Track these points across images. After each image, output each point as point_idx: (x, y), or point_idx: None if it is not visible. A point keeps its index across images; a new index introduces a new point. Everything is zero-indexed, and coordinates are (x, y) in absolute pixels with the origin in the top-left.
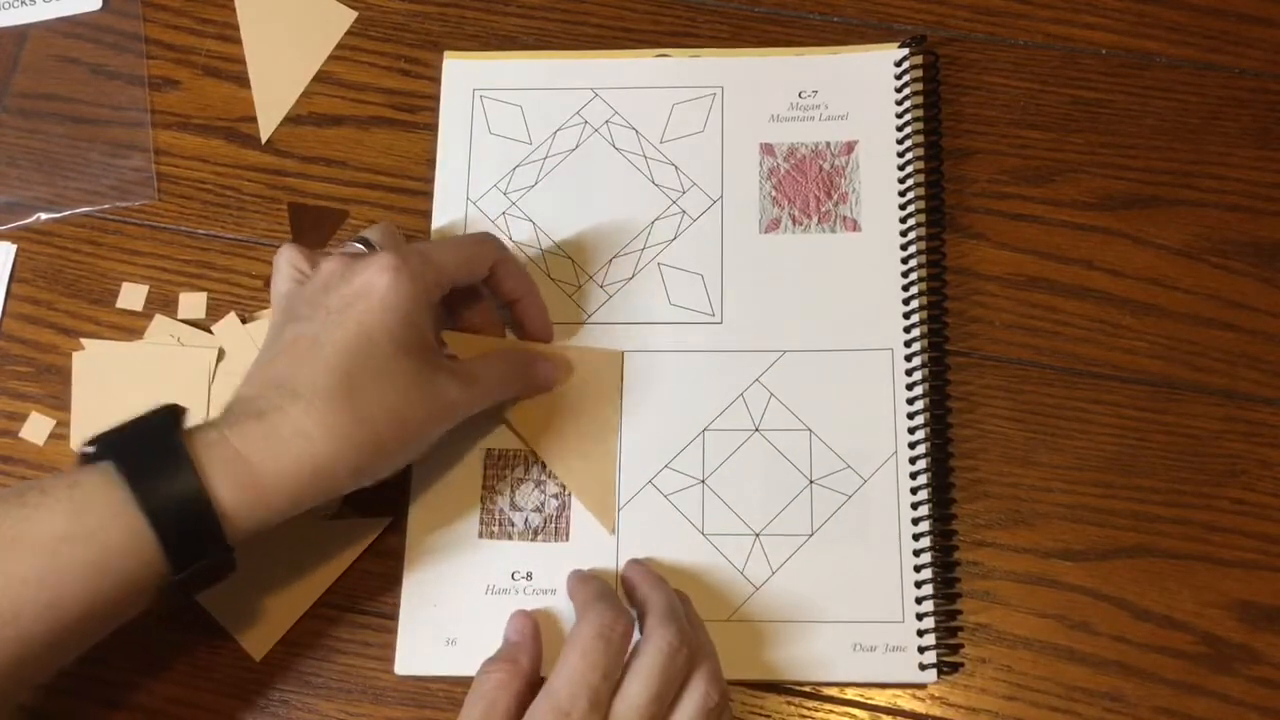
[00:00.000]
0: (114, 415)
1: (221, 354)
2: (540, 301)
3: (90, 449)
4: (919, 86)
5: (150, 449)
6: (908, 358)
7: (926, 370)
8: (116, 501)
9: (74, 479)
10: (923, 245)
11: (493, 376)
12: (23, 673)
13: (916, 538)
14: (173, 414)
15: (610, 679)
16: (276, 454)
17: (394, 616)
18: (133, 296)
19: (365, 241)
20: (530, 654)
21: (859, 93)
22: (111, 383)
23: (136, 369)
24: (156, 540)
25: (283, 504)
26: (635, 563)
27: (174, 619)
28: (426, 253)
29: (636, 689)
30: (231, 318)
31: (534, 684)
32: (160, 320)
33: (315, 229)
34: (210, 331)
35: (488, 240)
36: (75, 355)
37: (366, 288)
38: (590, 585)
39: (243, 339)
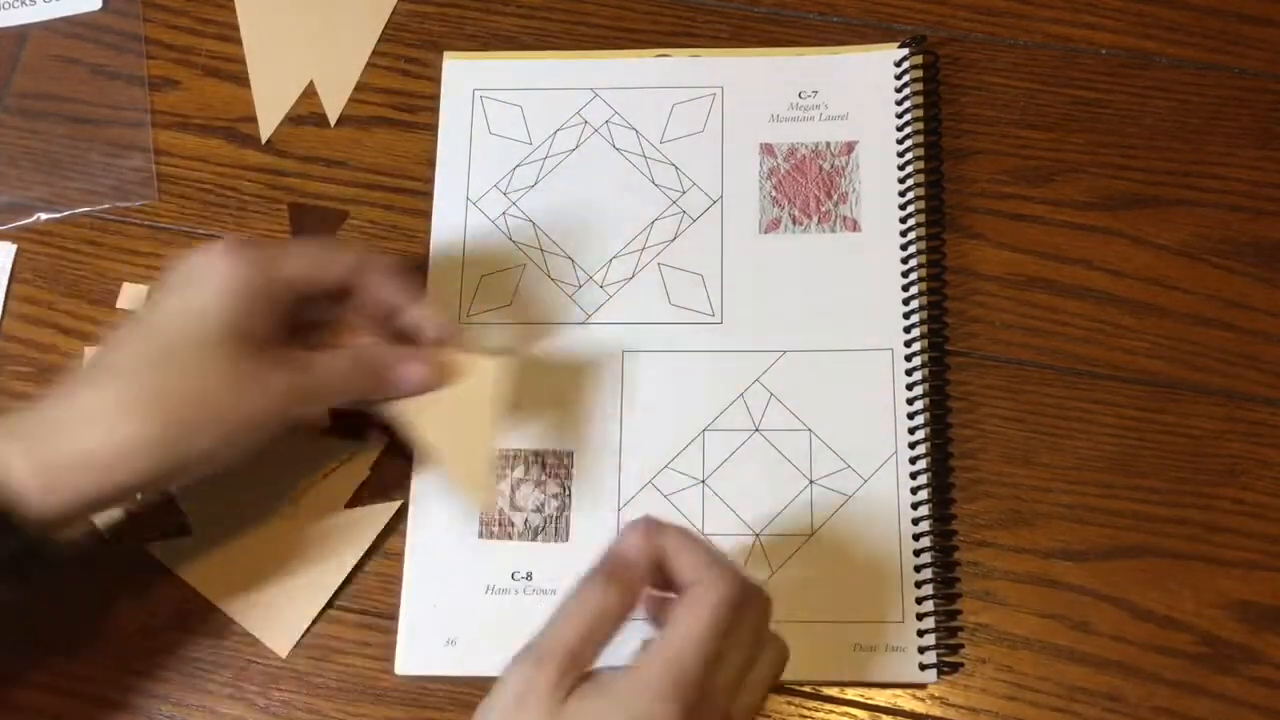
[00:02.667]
0: None
1: None
2: (426, 305)
3: None
4: (919, 86)
5: None
6: (908, 358)
7: (926, 370)
8: None
9: None
10: (923, 245)
11: (334, 371)
12: None
13: (916, 538)
14: None
15: (727, 651)
16: (70, 433)
17: (394, 616)
18: (133, 297)
19: None
20: (647, 583)
21: (859, 93)
22: None
23: None
24: None
25: (79, 485)
26: (649, 519)
27: (181, 621)
28: (271, 247)
29: (731, 657)
30: None
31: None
32: None
33: (315, 229)
34: None
35: (348, 248)
36: (87, 352)
37: (198, 268)
38: (703, 545)
39: None
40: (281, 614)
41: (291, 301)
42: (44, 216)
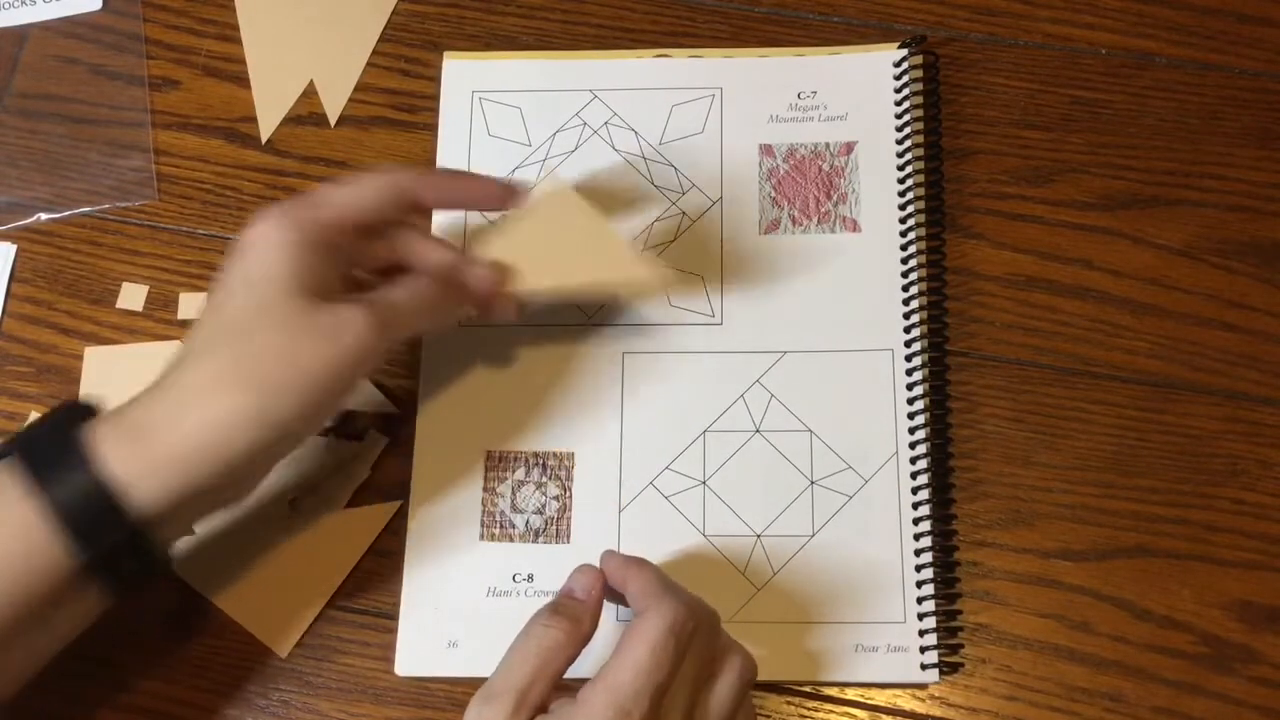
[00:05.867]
0: None
1: None
2: (474, 182)
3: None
4: (919, 87)
5: (49, 438)
6: (908, 358)
7: (926, 370)
8: (17, 490)
9: None
10: (922, 245)
11: (407, 294)
12: None
13: (917, 538)
14: (78, 406)
15: (673, 679)
16: (171, 416)
17: (394, 616)
18: (133, 296)
19: None
20: (594, 618)
21: (858, 93)
22: (118, 383)
23: (145, 370)
24: (56, 523)
25: (189, 468)
26: (610, 553)
27: (181, 621)
28: (313, 193)
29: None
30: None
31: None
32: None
33: None
34: None
35: (389, 169)
36: (87, 352)
37: (247, 241)
38: (651, 574)
39: None
40: (281, 614)
41: (347, 241)
42: (44, 216)
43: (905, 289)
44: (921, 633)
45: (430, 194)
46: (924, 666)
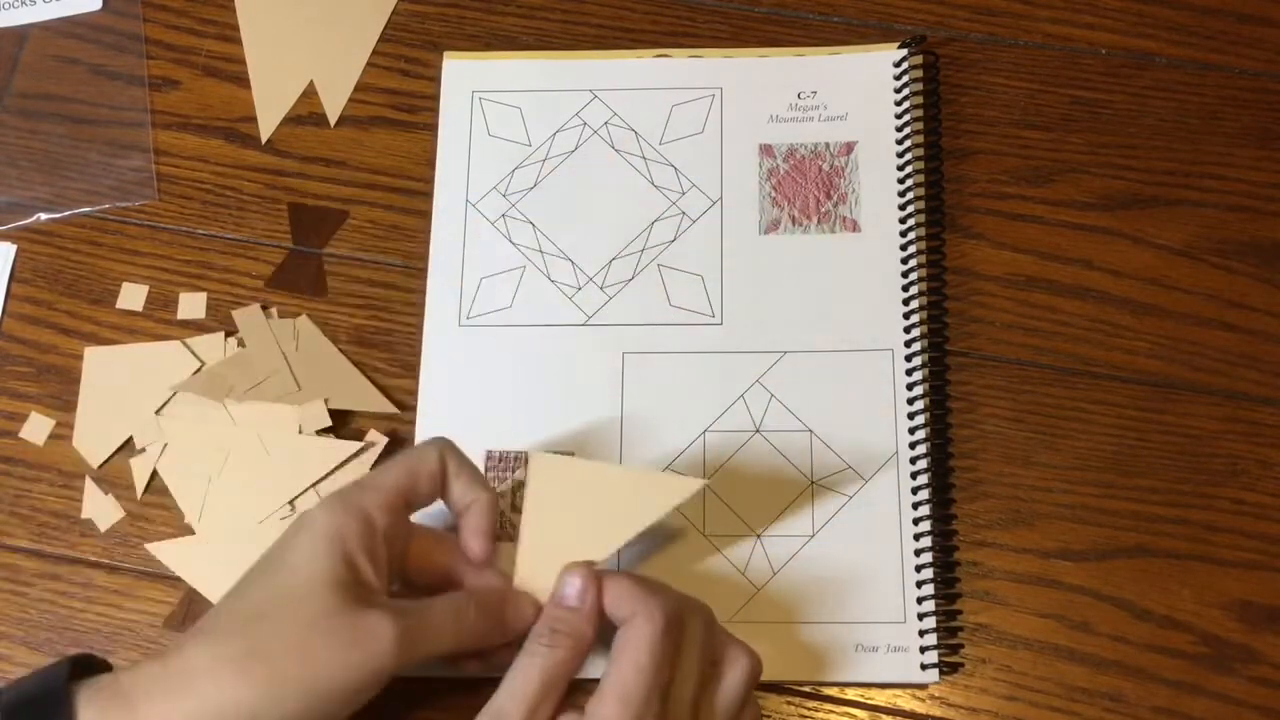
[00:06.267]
0: (119, 416)
1: (241, 343)
2: (492, 511)
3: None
4: (919, 87)
5: (35, 697)
6: (908, 358)
7: (926, 370)
8: None
9: None
10: (922, 245)
11: (445, 616)
12: None
13: (917, 538)
14: (80, 661)
15: (675, 674)
16: (165, 693)
17: None
18: (133, 296)
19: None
20: (594, 625)
21: (858, 93)
22: (118, 383)
23: (145, 370)
24: None
25: None
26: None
27: (181, 622)
28: (364, 479)
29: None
30: (254, 307)
31: None
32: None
33: (315, 229)
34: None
35: (431, 443)
36: (87, 352)
37: (299, 522)
38: (626, 580)
39: (263, 329)
40: None
41: (398, 538)
42: (44, 216)
43: (905, 289)
44: (921, 633)
45: (457, 486)
46: (924, 666)
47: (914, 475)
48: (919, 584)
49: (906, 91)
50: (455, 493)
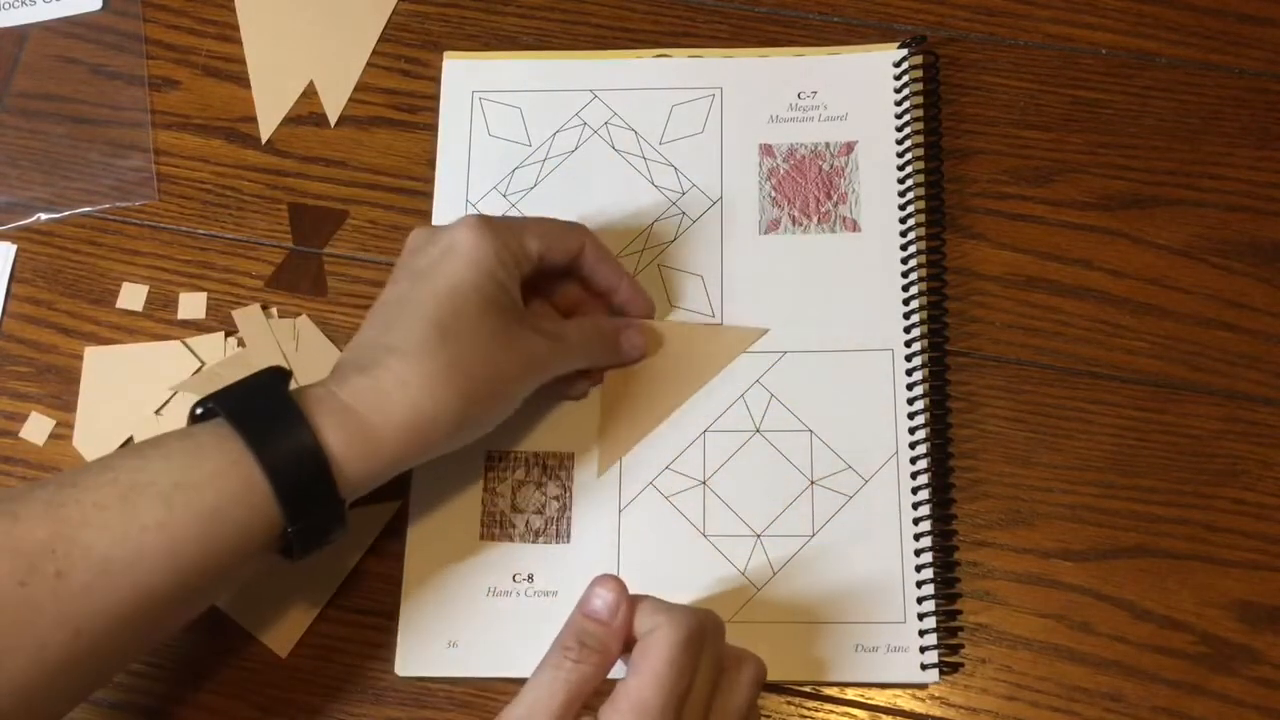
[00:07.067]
0: (119, 416)
1: (241, 343)
2: (637, 288)
3: (199, 410)
4: (919, 87)
5: (262, 404)
6: (908, 358)
7: (926, 370)
8: (233, 452)
9: (188, 433)
10: (922, 245)
11: (578, 337)
12: (141, 626)
13: (917, 538)
14: (279, 374)
15: (691, 687)
16: (382, 405)
17: (394, 616)
18: (133, 296)
19: None
20: (621, 642)
21: (858, 93)
22: (118, 383)
23: (145, 370)
24: (271, 490)
25: (392, 454)
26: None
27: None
28: (513, 222)
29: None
30: (254, 307)
31: None
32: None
33: (315, 229)
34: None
35: (575, 226)
36: (87, 352)
37: (451, 245)
38: (649, 598)
39: (263, 329)
40: (281, 614)
41: (532, 274)
42: (44, 216)
43: (905, 289)
44: (921, 633)
45: (600, 269)
46: (924, 666)
47: (914, 475)
48: (919, 584)
49: (906, 92)
50: (598, 277)
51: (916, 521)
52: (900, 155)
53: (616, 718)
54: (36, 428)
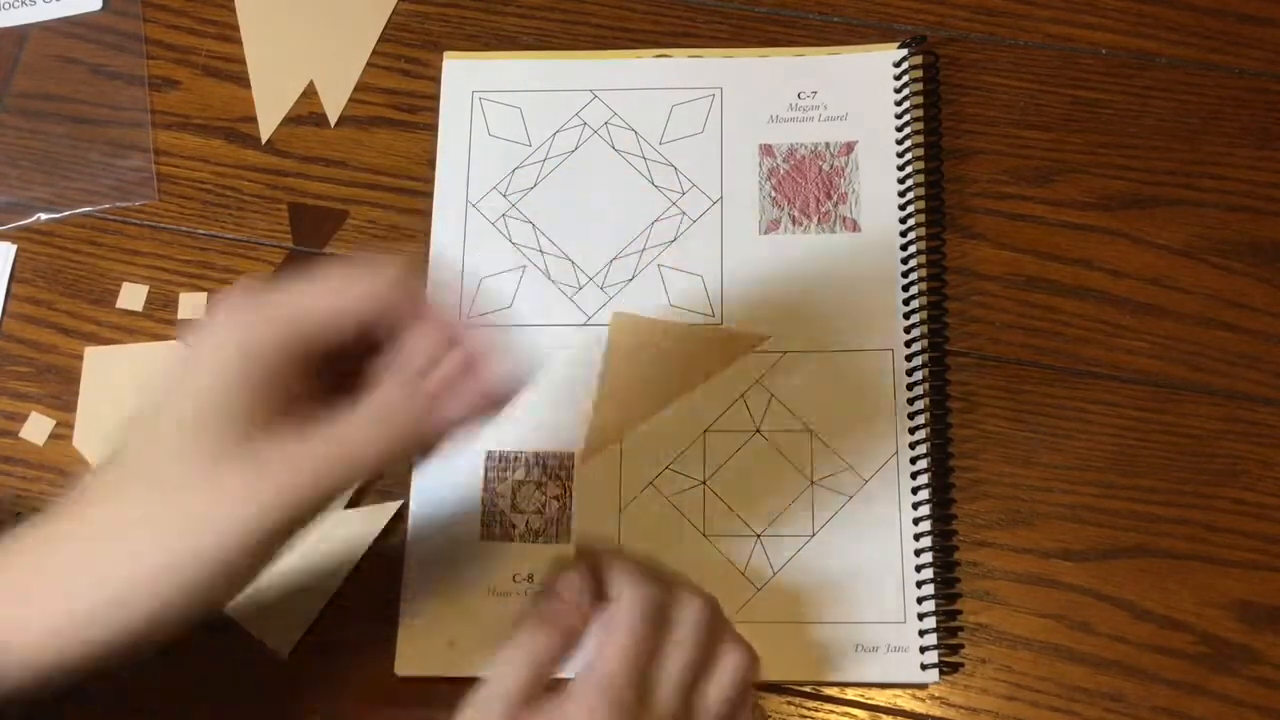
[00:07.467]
0: (119, 416)
1: None
2: (497, 358)
3: None
4: (919, 87)
5: None
6: (908, 358)
7: (926, 370)
8: None
9: None
10: (922, 245)
11: (372, 425)
12: None
13: (917, 538)
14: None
15: (657, 655)
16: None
17: (394, 617)
18: (133, 296)
19: None
20: (585, 620)
21: (858, 93)
22: (118, 383)
23: (145, 370)
24: None
25: (60, 619)
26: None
27: None
28: (278, 292)
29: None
30: None
31: None
32: None
33: (315, 229)
34: None
35: (376, 274)
36: (87, 352)
37: (198, 335)
38: (627, 562)
39: None
40: (281, 614)
41: (313, 355)
42: (44, 216)
43: (905, 289)
44: (921, 633)
45: (421, 342)
46: (924, 666)
47: (914, 475)
48: (919, 584)
49: (906, 91)
50: (420, 346)
51: (916, 521)
52: (900, 155)
53: (583, 692)
54: (36, 428)
